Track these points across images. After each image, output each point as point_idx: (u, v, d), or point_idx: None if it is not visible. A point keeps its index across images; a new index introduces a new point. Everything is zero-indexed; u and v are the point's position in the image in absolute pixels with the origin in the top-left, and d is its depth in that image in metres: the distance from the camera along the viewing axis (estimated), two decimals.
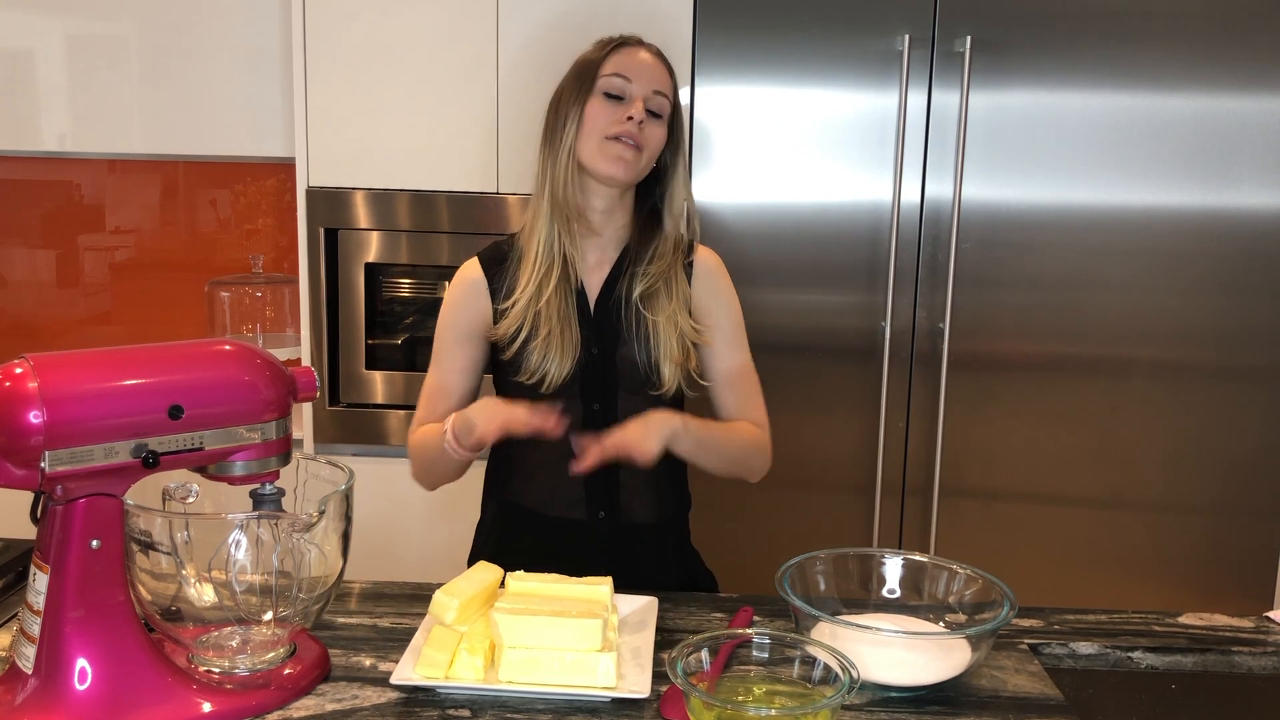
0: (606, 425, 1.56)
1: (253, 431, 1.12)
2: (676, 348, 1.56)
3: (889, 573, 1.37)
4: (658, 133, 1.55)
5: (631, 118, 1.51)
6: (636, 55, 1.56)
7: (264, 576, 1.14)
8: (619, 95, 1.53)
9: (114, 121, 2.60)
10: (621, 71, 1.53)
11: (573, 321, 1.55)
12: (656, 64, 1.56)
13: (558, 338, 1.52)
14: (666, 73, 1.57)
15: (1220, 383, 2.38)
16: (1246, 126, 2.30)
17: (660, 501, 1.64)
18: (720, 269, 1.65)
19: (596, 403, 1.57)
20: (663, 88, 1.55)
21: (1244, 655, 1.35)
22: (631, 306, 1.57)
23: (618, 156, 1.51)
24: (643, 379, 1.56)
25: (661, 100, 1.55)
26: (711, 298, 1.63)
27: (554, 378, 1.52)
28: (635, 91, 1.53)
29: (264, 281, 2.72)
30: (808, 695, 1.09)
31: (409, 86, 2.38)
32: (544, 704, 1.14)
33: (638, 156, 1.52)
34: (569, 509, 1.60)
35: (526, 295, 1.54)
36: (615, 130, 1.51)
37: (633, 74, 1.53)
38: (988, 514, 2.43)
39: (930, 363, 2.37)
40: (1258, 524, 2.43)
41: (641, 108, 1.52)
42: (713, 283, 1.64)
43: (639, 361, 1.56)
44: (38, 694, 1.05)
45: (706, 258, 1.65)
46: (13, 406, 1.00)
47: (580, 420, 1.56)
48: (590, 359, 1.56)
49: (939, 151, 2.32)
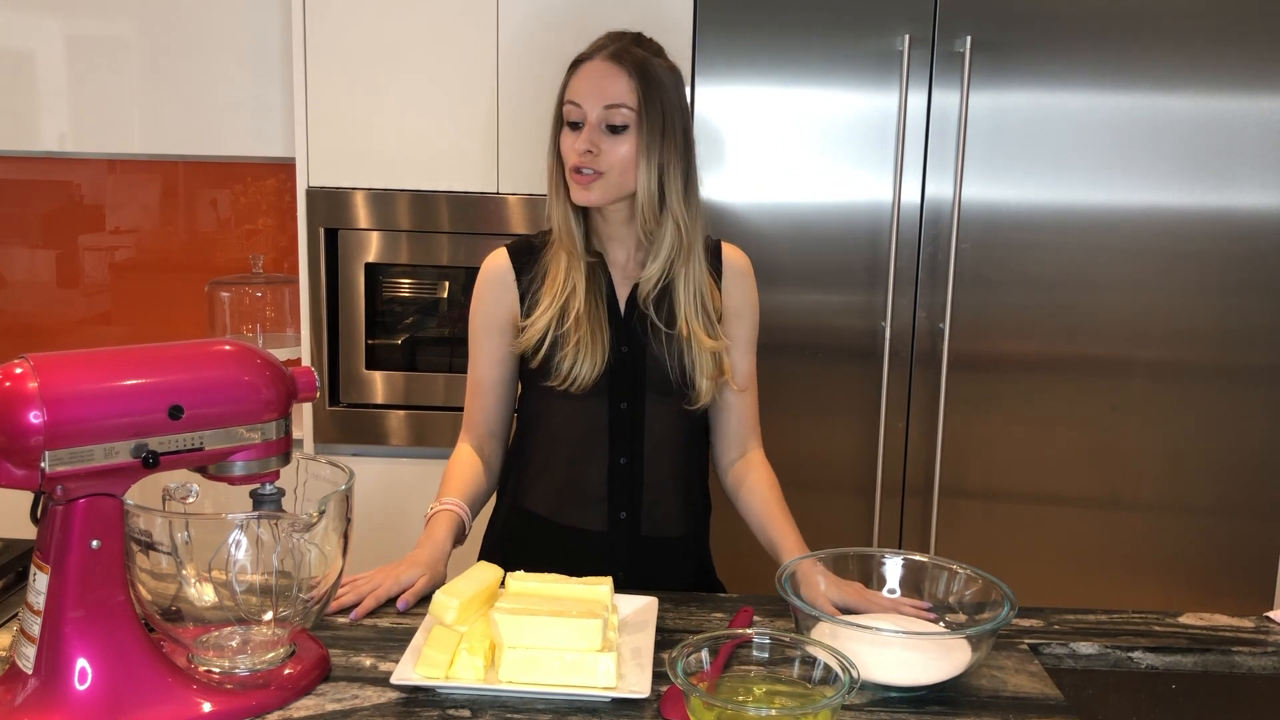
0: (633, 425, 1.57)
1: (253, 431, 1.12)
2: (710, 362, 1.54)
3: (889, 573, 1.38)
4: (620, 148, 1.48)
5: (577, 148, 1.48)
6: (588, 72, 1.50)
7: (264, 576, 1.14)
8: (577, 123, 1.50)
9: (114, 121, 2.60)
10: (572, 98, 1.50)
11: (603, 325, 1.53)
12: (609, 72, 1.48)
13: (587, 344, 1.51)
14: (624, 75, 1.48)
15: (1220, 383, 2.38)
16: (1246, 126, 2.30)
17: (688, 506, 1.63)
18: (748, 270, 1.64)
19: (624, 401, 1.56)
20: (616, 98, 1.47)
21: (1244, 655, 1.35)
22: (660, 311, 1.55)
23: (581, 187, 1.50)
24: (673, 387, 1.55)
25: (620, 111, 1.47)
26: (740, 299, 1.62)
27: (584, 381, 1.52)
28: (589, 116, 1.48)
29: (264, 281, 2.72)
30: (808, 695, 1.09)
31: (409, 86, 2.38)
32: (544, 704, 1.14)
33: (601, 180, 1.49)
34: (584, 514, 1.58)
35: (549, 315, 1.52)
36: (571, 163, 1.50)
37: (581, 96, 1.49)
38: (988, 514, 2.43)
39: (930, 363, 2.37)
40: (1258, 524, 2.43)
41: (587, 137, 1.48)
42: (742, 284, 1.62)
43: (670, 368, 1.54)
44: (38, 694, 1.05)
45: (735, 258, 1.63)
46: (13, 406, 1.00)
47: (607, 419, 1.56)
48: (619, 357, 1.55)
49: (939, 151, 2.32)
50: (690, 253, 1.54)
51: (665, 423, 1.58)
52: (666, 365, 1.54)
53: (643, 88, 1.48)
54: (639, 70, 1.49)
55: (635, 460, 1.57)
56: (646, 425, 1.57)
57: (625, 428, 1.56)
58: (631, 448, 1.57)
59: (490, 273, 1.60)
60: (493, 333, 1.59)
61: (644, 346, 1.55)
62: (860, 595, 1.35)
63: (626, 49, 1.51)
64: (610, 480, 1.57)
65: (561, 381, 1.52)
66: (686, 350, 1.54)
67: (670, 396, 1.56)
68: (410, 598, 1.37)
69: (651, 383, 1.56)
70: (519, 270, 1.58)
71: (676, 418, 1.58)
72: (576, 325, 1.51)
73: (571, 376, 1.51)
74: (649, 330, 1.55)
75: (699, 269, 1.55)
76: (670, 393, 1.56)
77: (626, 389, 1.56)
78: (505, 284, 1.58)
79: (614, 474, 1.57)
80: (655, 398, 1.56)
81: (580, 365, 1.51)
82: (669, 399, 1.56)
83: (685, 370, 1.54)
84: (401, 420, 2.48)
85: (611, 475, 1.57)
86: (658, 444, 1.58)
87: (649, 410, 1.56)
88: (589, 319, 1.52)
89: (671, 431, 1.59)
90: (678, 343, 1.54)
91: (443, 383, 2.47)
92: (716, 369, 1.55)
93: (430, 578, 1.40)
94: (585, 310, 1.52)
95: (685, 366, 1.54)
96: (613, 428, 1.56)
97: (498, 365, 1.60)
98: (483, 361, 1.61)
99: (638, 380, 1.56)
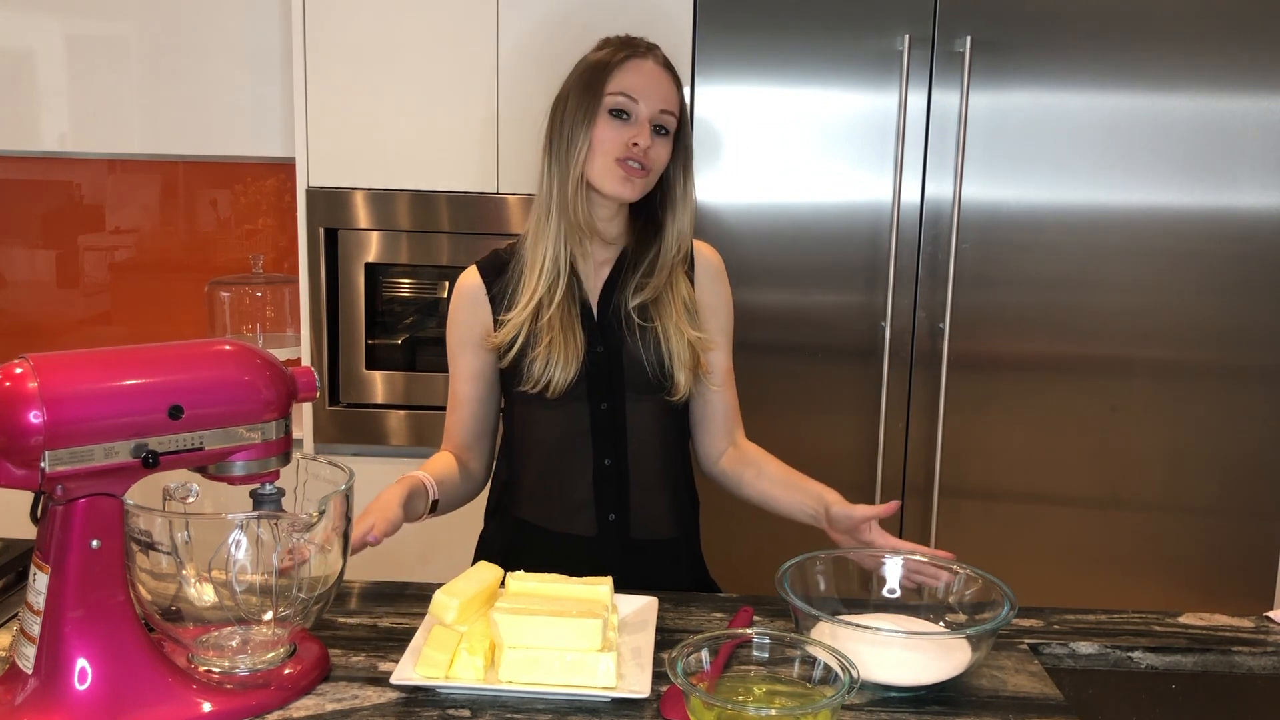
0: (616, 425, 1.57)
1: (253, 431, 1.12)
2: (687, 353, 1.55)
3: (889, 573, 1.38)
4: (664, 151, 1.53)
5: (638, 144, 1.49)
6: (643, 70, 1.52)
7: (264, 576, 1.14)
8: (625, 113, 1.51)
9: (114, 121, 2.60)
10: (627, 91, 1.50)
11: (575, 326, 1.54)
12: (663, 78, 1.53)
13: (560, 345, 1.51)
14: (673, 86, 1.54)
15: (1220, 383, 2.38)
16: (1246, 126, 2.30)
17: (676, 504, 1.63)
18: (721, 267, 1.65)
19: (604, 402, 1.56)
20: (669, 105, 1.52)
21: (1244, 655, 1.35)
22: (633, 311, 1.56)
23: (625, 179, 1.50)
24: (652, 382, 1.56)
25: (668, 118, 1.52)
26: (714, 295, 1.63)
27: (559, 384, 1.52)
28: (642, 112, 1.50)
29: (264, 281, 2.72)
30: (808, 695, 1.09)
31: (409, 86, 2.38)
32: (544, 704, 1.14)
33: (646, 178, 1.52)
34: (573, 519, 1.58)
35: (529, 309, 1.53)
36: (623, 154, 1.50)
37: (639, 93, 1.50)
38: (988, 514, 2.43)
39: (930, 362, 2.37)
40: (1258, 524, 2.43)
41: (648, 133, 1.50)
42: (715, 280, 1.64)
43: (647, 363, 1.55)
44: (38, 694, 1.05)
45: (708, 254, 1.64)
46: (13, 406, 1.00)
47: (589, 421, 1.56)
48: (595, 358, 1.55)
49: (939, 151, 2.32)
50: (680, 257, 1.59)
51: (647, 421, 1.58)
52: (644, 361, 1.55)
53: (682, 100, 1.56)
54: (679, 83, 1.57)
55: (620, 460, 1.57)
56: (629, 425, 1.57)
57: (608, 429, 1.56)
58: (615, 448, 1.57)
59: (462, 291, 1.61)
60: (466, 348, 1.60)
61: (620, 345, 1.56)
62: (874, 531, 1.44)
63: (666, 58, 1.57)
64: (596, 483, 1.57)
65: (534, 385, 1.52)
66: (663, 343, 1.55)
67: (650, 393, 1.56)
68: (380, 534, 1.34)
69: (630, 381, 1.56)
70: (489, 284, 1.59)
71: (658, 415, 1.59)
72: (549, 326, 1.52)
73: (545, 379, 1.51)
74: (624, 328, 1.56)
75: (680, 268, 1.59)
76: (650, 389, 1.56)
77: (606, 389, 1.56)
78: (476, 300, 1.59)
79: (600, 476, 1.57)
80: (635, 396, 1.57)
81: (553, 367, 1.51)
82: (649, 396, 1.57)
83: (663, 363, 1.55)
84: (401, 420, 2.48)
85: (597, 478, 1.57)
86: (641, 443, 1.58)
87: (630, 409, 1.56)
88: (560, 324, 1.52)
89: (654, 430, 1.59)
90: (653, 335, 1.55)
91: (442, 383, 2.46)
92: (693, 359, 1.56)
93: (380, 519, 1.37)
94: (558, 316, 1.52)
95: (663, 359, 1.55)
96: (595, 429, 1.56)
97: (475, 381, 1.61)
98: (460, 377, 1.62)
99: (616, 380, 1.56)
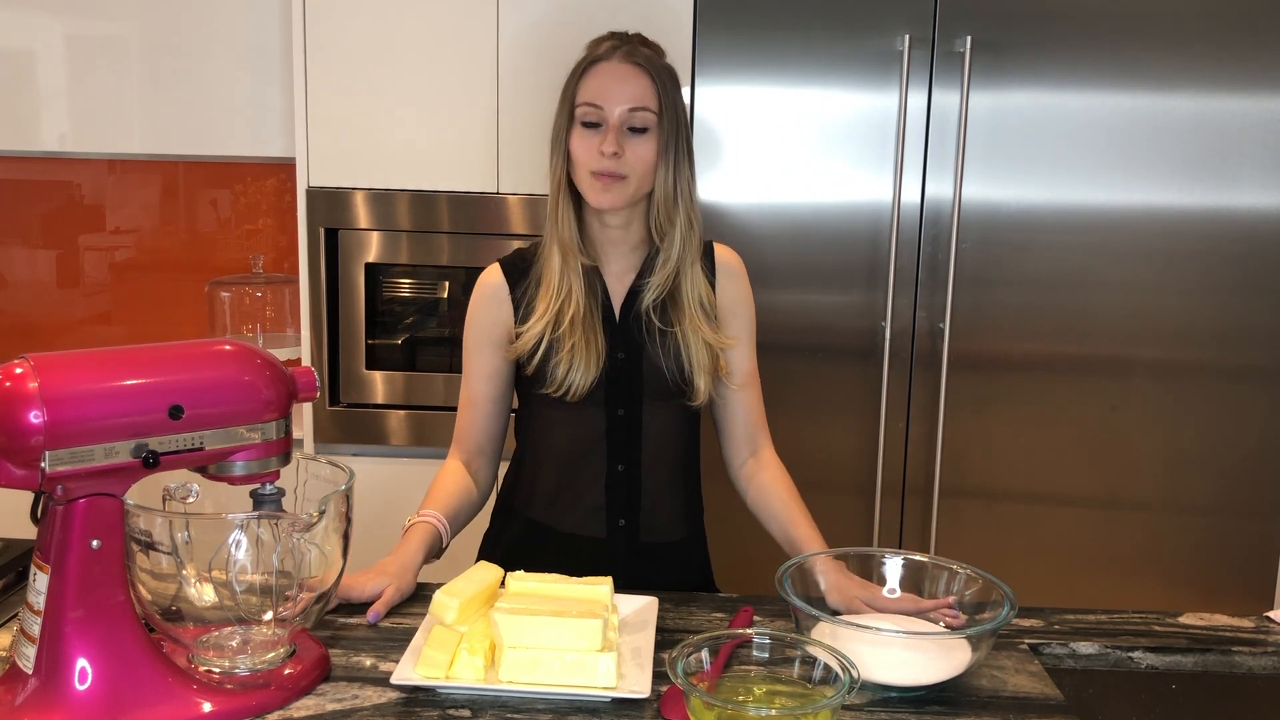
0: (631, 431, 1.56)
1: (253, 431, 1.12)
2: (706, 356, 1.54)
3: (889, 573, 1.37)
4: (643, 149, 1.48)
5: (603, 151, 1.46)
6: (607, 72, 1.49)
7: (264, 576, 1.14)
8: (596, 123, 1.48)
9: (114, 121, 2.60)
10: (592, 100, 1.48)
11: (597, 331, 1.53)
12: (630, 74, 1.48)
13: (582, 350, 1.50)
14: (644, 78, 1.49)
15: (1220, 383, 2.38)
16: (1246, 126, 2.30)
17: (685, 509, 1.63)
18: (742, 269, 1.63)
19: (621, 408, 1.55)
20: (640, 101, 1.47)
21: (1244, 655, 1.35)
22: (653, 315, 1.55)
23: (602, 189, 1.48)
24: (671, 388, 1.55)
25: (642, 114, 1.48)
26: (735, 298, 1.61)
27: (580, 388, 1.51)
28: (609, 116, 1.47)
29: (264, 281, 2.72)
30: (808, 695, 1.09)
31: (409, 86, 2.38)
32: (544, 704, 1.14)
33: (624, 183, 1.49)
34: (583, 522, 1.58)
35: (545, 321, 1.51)
36: (594, 166, 1.48)
37: (604, 98, 1.47)
38: (988, 514, 2.43)
39: (930, 363, 2.37)
40: (1258, 524, 2.43)
41: (613, 138, 1.46)
42: (736, 282, 1.62)
43: (667, 369, 1.54)
44: (38, 694, 1.05)
45: (728, 257, 1.63)
46: (13, 406, 1.00)
47: (604, 426, 1.55)
48: (615, 364, 1.54)
49: (939, 151, 2.32)
50: (696, 250, 1.56)
51: (662, 428, 1.57)
52: (663, 367, 1.54)
53: (661, 89, 1.50)
54: (656, 72, 1.50)
55: (633, 467, 1.57)
56: (644, 432, 1.56)
57: (622, 435, 1.56)
58: (629, 455, 1.56)
59: (484, 288, 1.59)
60: (485, 348, 1.59)
61: (640, 351, 1.55)
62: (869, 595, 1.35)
63: (639, 50, 1.51)
64: (608, 488, 1.57)
65: (557, 389, 1.51)
66: (683, 348, 1.54)
67: (669, 399, 1.56)
68: (380, 608, 1.34)
69: (649, 388, 1.55)
70: (512, 284, 1.58)
71: (673, 421, 1.58)
72: (571, 331, 1.51)
73: (566, 383, 1.51)
74: (645, 334, 1.55)
75: (698, 266, 1.56)
76: (669, 395, 1.55)
77: (624, 396, 1.55)
78: (499, 299, 1.58)
79: (612, 481, 1.57)
80: (653, 403, 1.56)
81: (575, 372, 1.50)
82: (667, 402, 1.56)
83: (683, 369, 1.54)
84: (401, 420, 2.48)
85: (610, 483, 1.57)
86: (655, 450, 1.57)
87: (646, 416, 1.56)
88: (583, 326, 1.51)
89: (668, 436, 1.58)
90: (674, 341, 1.54)
91: (443, 382, 2.47)
92: (712, 363, 1.55)
93: (398, 587, 1.37)
94: (580, 316, 1.51)
95: (683, 365, 1.54)
96: (610, 435, 1.55)
97: (490, 380, 1.60)
98: (476, 376, 1.60)
99: (635, 386, 1.55)
